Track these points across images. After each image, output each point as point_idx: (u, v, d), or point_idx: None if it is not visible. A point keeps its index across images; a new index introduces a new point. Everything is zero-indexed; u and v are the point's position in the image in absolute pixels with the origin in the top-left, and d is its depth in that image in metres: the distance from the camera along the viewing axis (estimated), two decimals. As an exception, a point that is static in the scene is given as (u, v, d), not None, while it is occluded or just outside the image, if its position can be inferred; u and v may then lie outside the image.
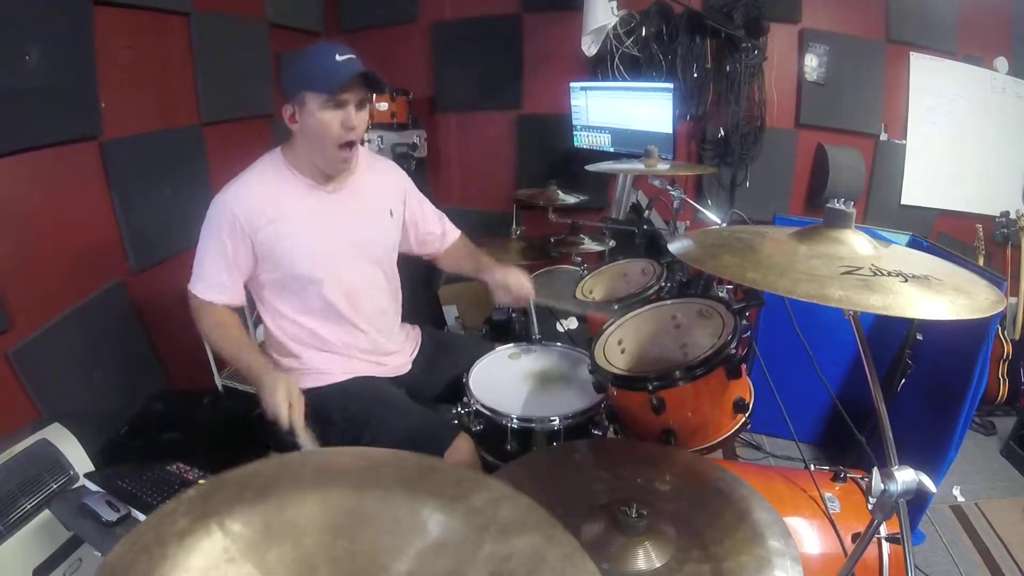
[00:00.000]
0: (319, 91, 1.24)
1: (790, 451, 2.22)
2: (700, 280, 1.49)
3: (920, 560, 1.78)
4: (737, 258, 0.83)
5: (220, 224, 1.30)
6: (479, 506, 0.64)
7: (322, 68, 1.23)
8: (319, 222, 1.37)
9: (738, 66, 2.75)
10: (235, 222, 1.30)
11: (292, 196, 1.35)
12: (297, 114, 1.29)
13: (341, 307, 1.43)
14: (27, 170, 1.71)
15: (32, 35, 1.66)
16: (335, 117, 1.26)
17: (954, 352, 1.73)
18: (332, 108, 1.25)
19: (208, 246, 1.32)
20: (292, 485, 0.66)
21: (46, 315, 1.77)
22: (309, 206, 1.37)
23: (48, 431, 1.54)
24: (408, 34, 3.27)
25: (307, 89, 1.25)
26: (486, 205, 3.38)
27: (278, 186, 1.34)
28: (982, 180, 2.96)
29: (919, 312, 0.68)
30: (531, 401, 1.43)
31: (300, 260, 1.35)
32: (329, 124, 1.26)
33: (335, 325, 1.44)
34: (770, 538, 0.88)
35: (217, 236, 1.31)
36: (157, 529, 0.58)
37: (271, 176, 1.35)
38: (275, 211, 1.32)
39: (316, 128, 1.27)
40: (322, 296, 1.40)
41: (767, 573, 0.82)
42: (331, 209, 1.40)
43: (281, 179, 1.35)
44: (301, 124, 1.29)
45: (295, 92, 1.27)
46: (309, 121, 1.27)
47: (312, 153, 1.34)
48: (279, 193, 1.34)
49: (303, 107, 1.27)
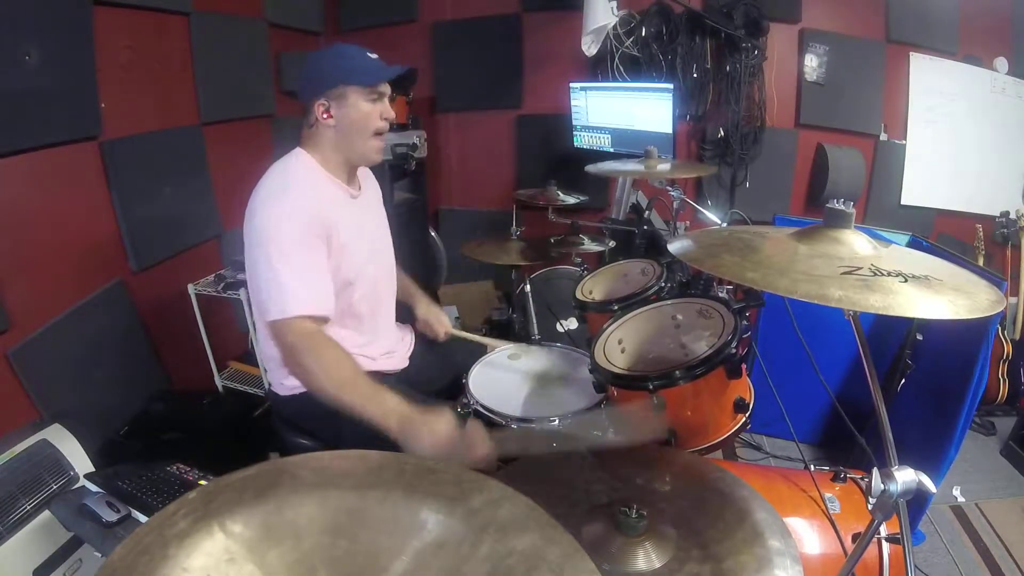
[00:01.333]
0: (363, 84, 1.29)
1: (790, 451, 2.22)
2: (700, 280, 1.49)
3: (920, 560, 1.78)
4: (737, 258, 0.83)
5: (307, 228, 1.22)
6: (478, 506, 0.64)
7: (362, 64, 1.31)
8: (357, 226, 1.38)
9: (738, 66, 2.76)
10: (318, 224, 1.24)
11: (335, 200, 1.35)
12: (333, 108, 1.30)
13: (363, 310, 1.43)
14: (27, 170, 1.72)
15: (32, 35, 1.66)
16: (375, 109, 1.32)
17: (954, 352, 1.73)
18: (373, 100, 1.31)
19: (301, 255, 1.19)
20: (292, 486, 0.66)
21: (46, 315, 1.78)
22: (349, 210, 1.37)
23: (48, 431, 1.54)
24: (408, 34, 3.28)
25: (349, 83, 1.28)
26: (486, 205, 3.39)
27: (324, 189, 1.33)
28: (982, 180, 2.96)
29: (919, 312, 0.68)
30: (531, 401, 1.43)
31: (348, 264, 1.34)
32: (371, 115, 1.31)
33: (352, 328, 1.43)
34: (770, 538, 0.88)
35: (307, 242, 1.21)
36: (159, 530, 0.58)
37: (316, 178, 1.33)
38: (332, 215, 1.30)
39: (357, 119, 1.31)
40: (350, 300, 1.39)
41: (767, 572, 0.83)
42: (360, 213, 1.42)
43: (324, 182, 1.34)
44: (338, 117, 1.30)
45: (332, 86, 1.28)
46: (350, 113, 1.30)
47: (348, 146, 1.34)
48: (327, 195, 1.33)
49: (342, 100, 1.29)
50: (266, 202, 1.23)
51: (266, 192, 1.25)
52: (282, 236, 1.18)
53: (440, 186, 3.51)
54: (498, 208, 3.23)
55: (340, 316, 1.37)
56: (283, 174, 1.29)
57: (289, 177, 1.29)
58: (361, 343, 1.45)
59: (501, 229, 2.10)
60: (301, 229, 1.21)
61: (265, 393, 2.19)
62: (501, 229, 2.10)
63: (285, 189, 1.25)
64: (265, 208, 1.22)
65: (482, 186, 3.47)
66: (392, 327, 1.60)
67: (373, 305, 1.47)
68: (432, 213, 3.48)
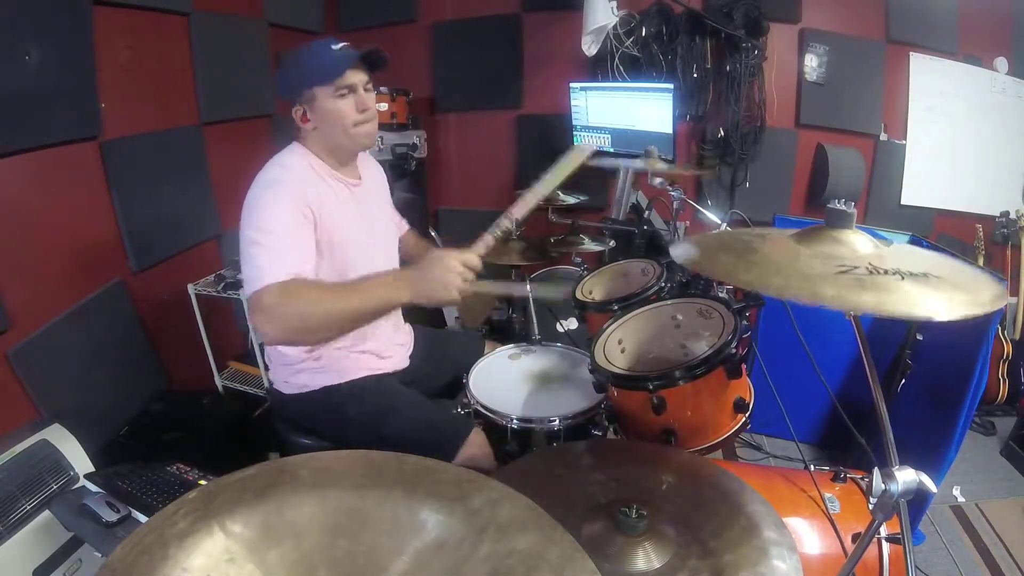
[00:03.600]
0: (326, 83, 1.26)
1: (790, 451, 2.22)
2: (700, 280, 1.49)
3: (920, 560, 1.78)
4: (732, 258, 0.83)
5: (294, 209, 1.19)
6: (478, 507, 0.64)
7: (323, 61, 1.26)
8: (356, 215, 1.37)
9: (738, 66, 2.76)
10: (306, 203, 1.22)
11: (331, 188, 1.34)
12: (308, 112, 1.30)
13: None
14: (27, 170, 1.71)
15: (32, 35, 1.66)
16: (348, 104, 1.28)
17: (954, 352, 1.73)
18: (342, 96, 1.28)
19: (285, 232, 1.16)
20: (292, 486, 0.66)
21: (46, 315, 1.77)
22: (345, 199, 1.36)
23: (48, 431, 1.54)
24: (408, 34, 3.28)
25: (314, 85, 1.27)
26: (486, 205, 3.38)
27: (320, 179, 1.33)
28: (982, 180, 2.96)
29: (916, 310, 0.67)
30: (531, 401, 1.43)
31: (348, 251, 1.33)
32: (344, 112, 1.28)
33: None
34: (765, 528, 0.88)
35: (293, 221, 1.18)
36: (159, 530, 0.58)
37: (311, 167, 1.32)
38: (327, 200, 1.29)
39: (333, 118, 1.29)
40: None
41: (765, 563, 0.83)
42: (360, 203, 1.41)
43: (321, 171, 1.34)
44: (316, 120, 1.30)
45: (301, 91, 1.28)
46: (324, 115, 1.29)
47: (334, 142, 1.33)
48: (322, 187, 1.32)
49: (314, 103, 1.28)
50: (261, 193, 1.22)
51: (263, 183, 1.24)
52: (273, 221, 1.16)
53: (440, 186, 3.50)
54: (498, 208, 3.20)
55: None
56: (279, 166, 1.29)
57: (283, 169, 1.29)
58: (364, 340, 1.45)
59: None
60: (288, 210, 1.19)
61: (266, 392, 2.18)
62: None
63: (279, 180, 1.25)
64: (260, 198, 1.21)
65: (482, 186, 3.46)
66: (396, 323, 1.60)
67: None
68: (432, 213, 3.48)
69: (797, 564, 0.84)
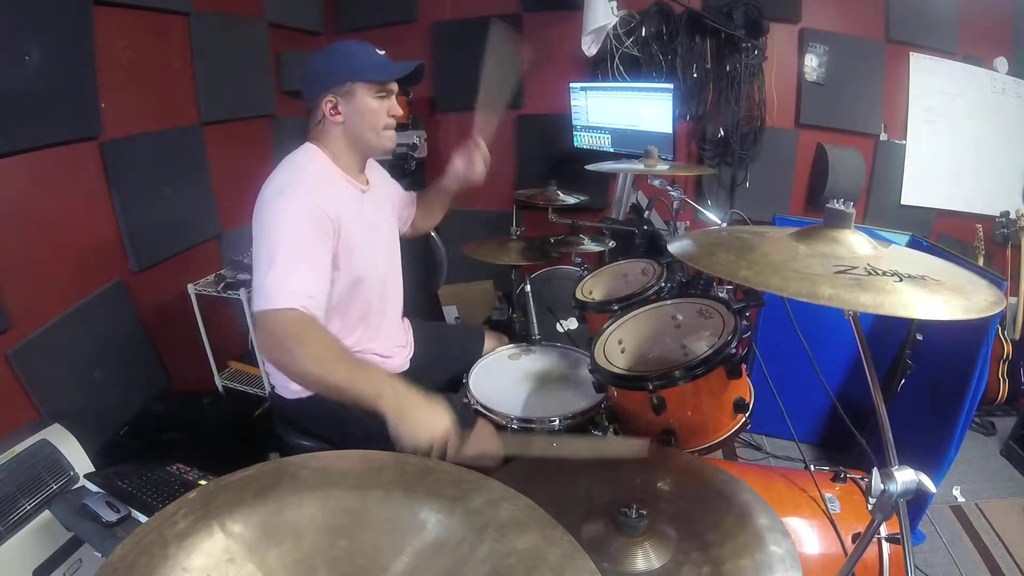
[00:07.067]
0: (371, 80, 1.29)
1: (790, 451, 2.22)
2: (700, 280, 1.49)
3: (920, 560, 1.78)
4: (732, 256, 0.83)
5: (312, 224, 1.18)
6: (478, 506, 0.64)
7: (371, 61, 1.31)
8: (368, 221, 1.38)
9: (738, 66, 2.76)
10: (325, 219, 1.20)
11: (347, 194, 1.34)
12: (341, 104, 1.30)
13: (370, 307, 1.42)
14: (27, 170, 1.71)
15: (32, 35, 1.66)
16: (382, 106, 1.32)
17: (954, 352, 1.73)
18: (381, 97, 1.31)
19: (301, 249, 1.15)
20: (292, 486, 0.66)
21: (46, 315, 1.77)
22: (359, 206, 1.36)
23: (48, 431, 1.54)
24: (408, 34, 3.27)
25: (358, 79, 1.28)
26: (486, 205, 3.38)
27: (335, 183, 1.33)
28: (982, 180, 2.96)
29: (912, 312, 0.67)
30: (531, 401, 1.43)
31: (359, 260, 1.33)
32: (378, 112, 1.32)
33: (360, 326, 1.43)
34: (771, 543, 0.88)
35: (311, 237, 1.17)
36: (159, 530, 0.58)
37: (327, 173, 1.32)
38: (344, 208, 1.28)
39: (366, 116, 1.31)
40: (362, 297, 1.38)
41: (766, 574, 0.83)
42: (371, 208, 1.41)
43: (334, 177, 1.33)
44: (346, 114, 1.30)
45: (341, 82, 1.28)
46: (358, 109, 1.30)
47: (357, 141, 1.34)
48: (337, 190, 1.32)
49: (350, 97, 1.29)
50: (275, 198, 1.20)
51: (276, 187, 1.22)
52: (287, 231, 1.15)
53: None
54: (498, 208, 3.23)
55: (346, 313, 1.36)
56: (293, 169, 1.28)
57: (299, 172, 1.28)
58: (366, 341, 1.45)
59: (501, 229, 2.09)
60: (307, 224, 1.18)
61: (268, 395, 2.18)
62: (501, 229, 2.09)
63: (294, 184, 1.23)
64: (274, 203, 1.19)
65: (482, 186, 3.45)
66: (397, 325, 1.60)
67: (380, 302, 1.46)
68: (432, 213, 3.48)
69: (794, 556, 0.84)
